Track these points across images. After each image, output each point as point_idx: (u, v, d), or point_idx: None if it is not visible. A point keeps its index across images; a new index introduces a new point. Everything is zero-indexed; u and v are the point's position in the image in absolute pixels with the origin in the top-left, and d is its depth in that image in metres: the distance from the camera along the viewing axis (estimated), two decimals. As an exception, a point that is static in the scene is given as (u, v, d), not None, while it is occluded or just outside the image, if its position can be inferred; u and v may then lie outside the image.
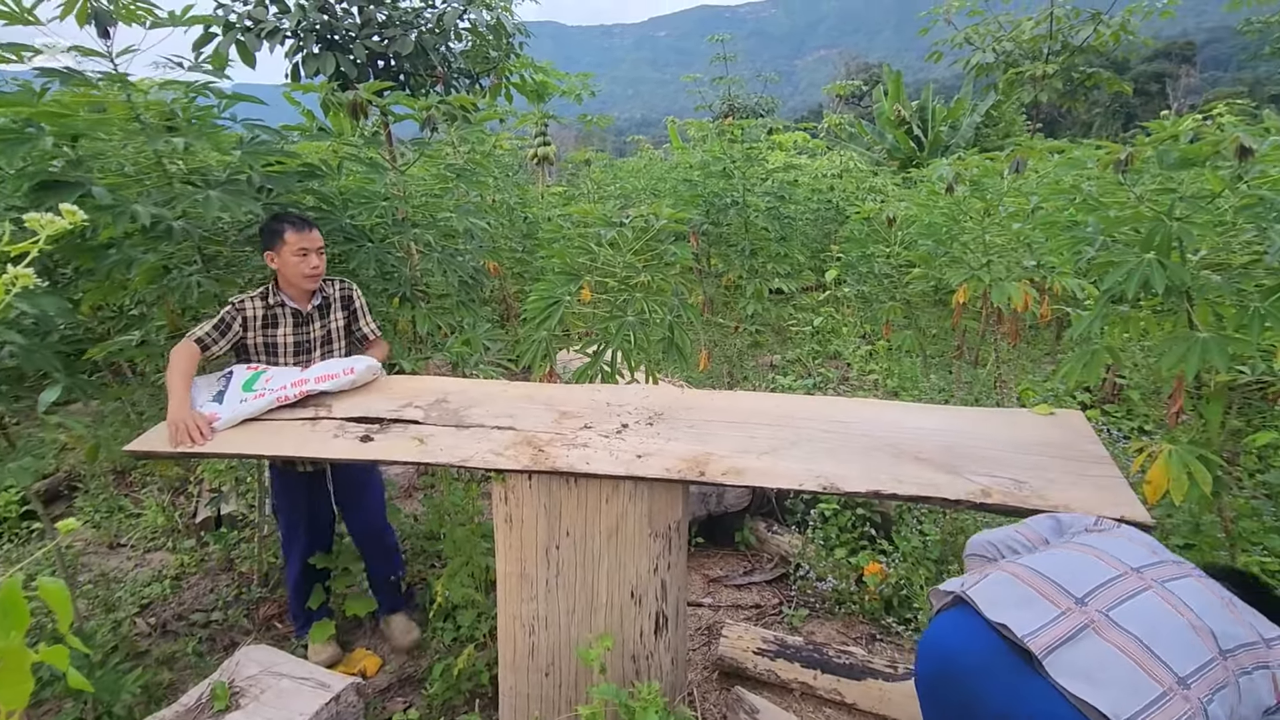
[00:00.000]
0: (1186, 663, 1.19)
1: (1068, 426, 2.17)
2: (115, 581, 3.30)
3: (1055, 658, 1.24)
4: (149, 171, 2.56)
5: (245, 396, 2.17)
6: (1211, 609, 1.29)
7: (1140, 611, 1.28)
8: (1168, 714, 1.13)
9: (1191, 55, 39.93)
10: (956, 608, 1.47)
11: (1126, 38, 6.28)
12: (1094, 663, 1.22)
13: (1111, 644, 1.23)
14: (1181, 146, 2.03)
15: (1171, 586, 1.34)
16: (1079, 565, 1.41)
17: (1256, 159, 2.01)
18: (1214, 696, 1.17)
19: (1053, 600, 1.34)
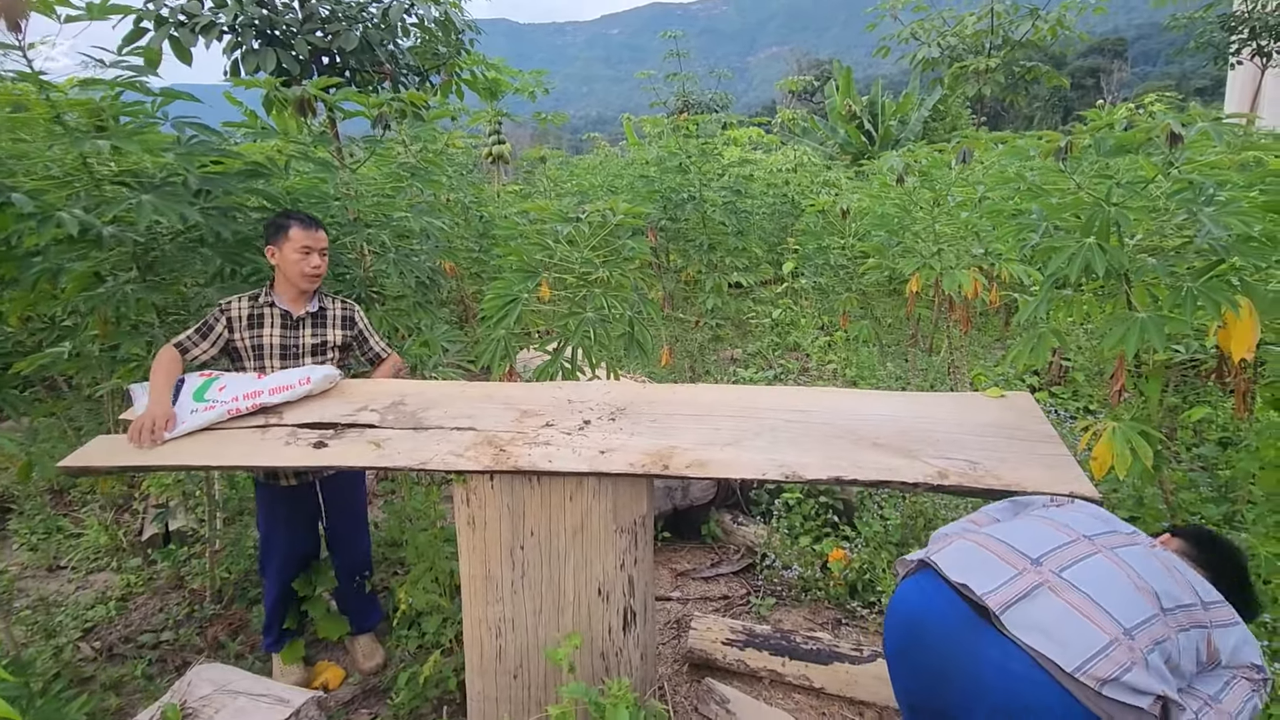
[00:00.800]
0: (1131, 616, 1.28)
1: (1017, 408, 2.24)
2: (56, 605, 3.14)
3: (1012, 613, 1.32)
4: (77, 174, 2.43)
5: (196, 407, 2.08)
6: (1155, 572, 1.38)
7: (1090, 572, 1.37)
8: (1113, 661, 1.22)
9: (1123, 50, 41.75)
10: (920, 572, 1.55)
11: (1063, 33, 6.52)
12: (1048, 617, 1.30)
13: (1064, 600, 1.32)
14: (1116, 134, 2.12)
15: (1120, 552, 1.42)
16: (1035, 532, 1.50)
17: (1185, 145, 2.11)
18: (1154, 648, 1.25)
19: (1009, 562, 1.42)
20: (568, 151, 22.16)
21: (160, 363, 2.16)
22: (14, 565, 3.58)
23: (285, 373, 2.21)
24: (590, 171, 8.83)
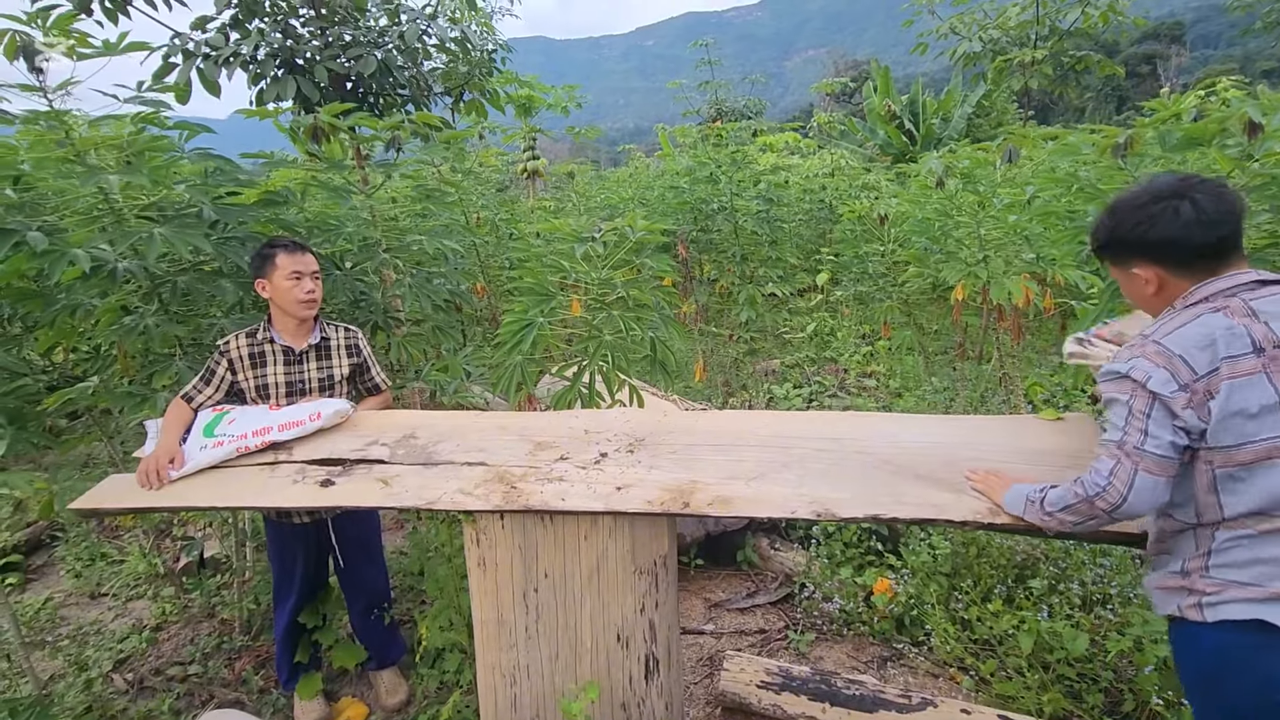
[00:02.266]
0: None
1: (1077, 431, 2.02)
2: (94, 634, 3.18)
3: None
4: (102, 210, 2.46)
5: (205, 443, 2.05)
6: None
7: None
8: None
9: (1181, 35, 39.84)
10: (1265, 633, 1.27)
11: (1115, 19, 6.15)
12: None
13: None
14: (1184, 126, 1.90)
15: None
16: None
17: (1266, 135, 1.88)
18: None
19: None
20: (606, 164, 22.26)
21: (169, 415, 2.14)
22: (59, 592, 3.66)
23: (296, 408, 2.15)
24: (621, 184, 8.77)
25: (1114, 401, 1.40)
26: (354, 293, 2.86)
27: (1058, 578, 2.67)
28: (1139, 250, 1.46)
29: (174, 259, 2.56)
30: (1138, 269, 1.47)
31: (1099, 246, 1.56)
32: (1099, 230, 1.54)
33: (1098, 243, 1.55)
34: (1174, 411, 1.31)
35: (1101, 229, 1.53)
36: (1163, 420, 1.33)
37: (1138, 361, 1.36)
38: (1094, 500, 1.38)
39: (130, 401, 2.43)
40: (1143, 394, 1.34)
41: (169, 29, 3.24)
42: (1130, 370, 1.36)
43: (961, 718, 2.16)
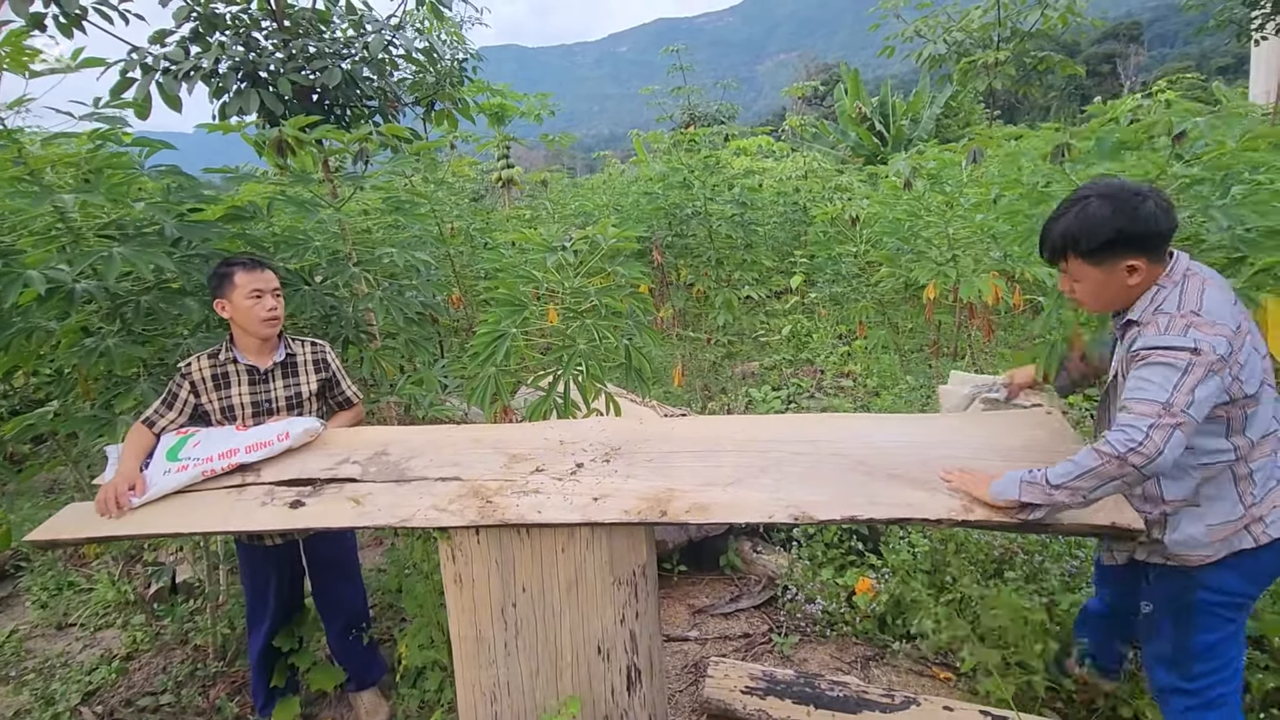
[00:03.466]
0: None
1: (1047, 427, 2.05)
2: (61, 666, 3.08)
3: None
4: (58, 230, 2.39)
5: (169, 467, 1.99)
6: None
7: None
8: None
9: (1139, 34, 40.92)
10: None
11: (1074, 20, 6.29)
12: None
13: None
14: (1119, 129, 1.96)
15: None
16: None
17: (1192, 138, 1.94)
18: None
19: None
20: (581, 170, 22.20)
21: (129, 440, 2.07)
22: (24, 624, 3.54)
23: (264, 428, 2.10)
24: (596, 191, 8.77)
25: (1165, 365, 1.49)
26: (324, 307, 2.81)
27: (1034, 571, 2.70)
28: (1139, 243, 1.59)
29: (136, 278, 2.49)
30: (1132, 260, 1.60)
31: (1096, 247, 1.62)
32: (1096, 229, 1.60)
33: (1094, 244, 1.61)
34: (1230, 374, 1.51)
35: (1102, 227, 1.59)
36: (1215, 385, 1.47)
37: (1194, 334, 1.50)
38: (1126, 457, 1.44)
39: (92, 425, 2.36)
40: (1202, 362, 1.46)
41: (126, 43, 3.17)
42: (1197, 343, 1.48)
43: (945, 715, 2.17)
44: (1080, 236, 1.62)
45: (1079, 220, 1.62)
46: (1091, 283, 1.67)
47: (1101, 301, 1.71)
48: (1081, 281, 1.69)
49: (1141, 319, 1.61)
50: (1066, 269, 1.71)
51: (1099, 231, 1.59)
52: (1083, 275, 1.68)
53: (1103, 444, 1.48)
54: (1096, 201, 1.60)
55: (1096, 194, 1.62)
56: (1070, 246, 1.65)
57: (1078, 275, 1.69)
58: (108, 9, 3.17)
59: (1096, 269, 1.65)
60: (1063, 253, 1.68)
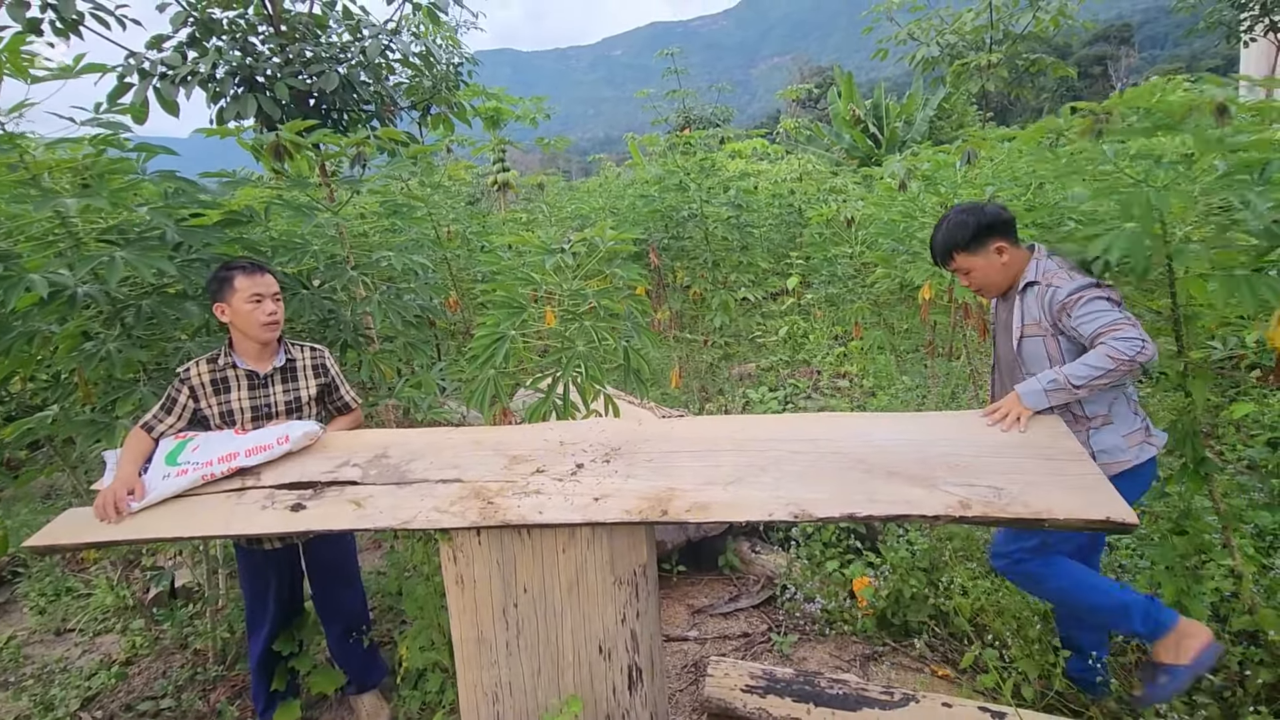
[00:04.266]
0: None
1: (1044, 423, 2.07)
2: (60, 672, 3.07)
3: None
4: (58, 234, 2.39)
5: (168, 472, 1.99)
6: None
7: None
8: None
9: (1129, 36, 41.16)
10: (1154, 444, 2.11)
11: (1065, 22, 6.35)
12: None
13: None
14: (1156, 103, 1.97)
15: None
16: None
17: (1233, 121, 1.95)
18: None
19: None
20: (577, 173, 22.21)
21: (127, 445, 2.07)
22: (22, 630, 3.53)
23: (263, 431, 2.11)
24: (592, 194, 8.79)
25: (1095, 298, 1.95)
26: (322, 311, 2.82)
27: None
28: (999, 229, 2.13)
29: (136, 282, 2.50)
30: (997, 243, 2.12)
31: (968, 240, 2.14)
32: (963, 230, 2.14)
33: (965, 238, 2.14)
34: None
35: (966, 227, 2.14)
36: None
37: (1082, 277, 2.03)
38: (1135, 357, 1.85)
39: (90, 430, 2.37)
40: (1109, 291, 1.98)
41: (123, 48, 3.18)
42: (1096, 282, 2.00)
43: (944, 712, 2.18)
44: (956, 238, 2.16)
45: (951, 227, 2.17)
46: (979, 270, 2.17)
47: (993, 282, 2.18)
48: (972, 271, 2.18)
49: (1040, 279, 2.08)
50: (957, 267, 2.20)
51: (967, 228, 2.13)
52: (970, 265, 2.18)
53: (1113, 351, 1.87)
54: (956, 214, 2.17)
55: (955, 210, 2.19)
56: (953, 246, 2.17)
57: (967, 267, 2.18)
58: (104, 14, 3.17)
59: (976, 257, 2.15)
60: (950, 253, 2.19)
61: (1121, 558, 2.76)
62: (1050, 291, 2.04)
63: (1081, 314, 1.96)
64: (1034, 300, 2.10)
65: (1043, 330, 2.09)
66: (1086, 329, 1.95)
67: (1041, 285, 2.08)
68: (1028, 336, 2.12)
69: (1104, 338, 1.91)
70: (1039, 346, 2.10)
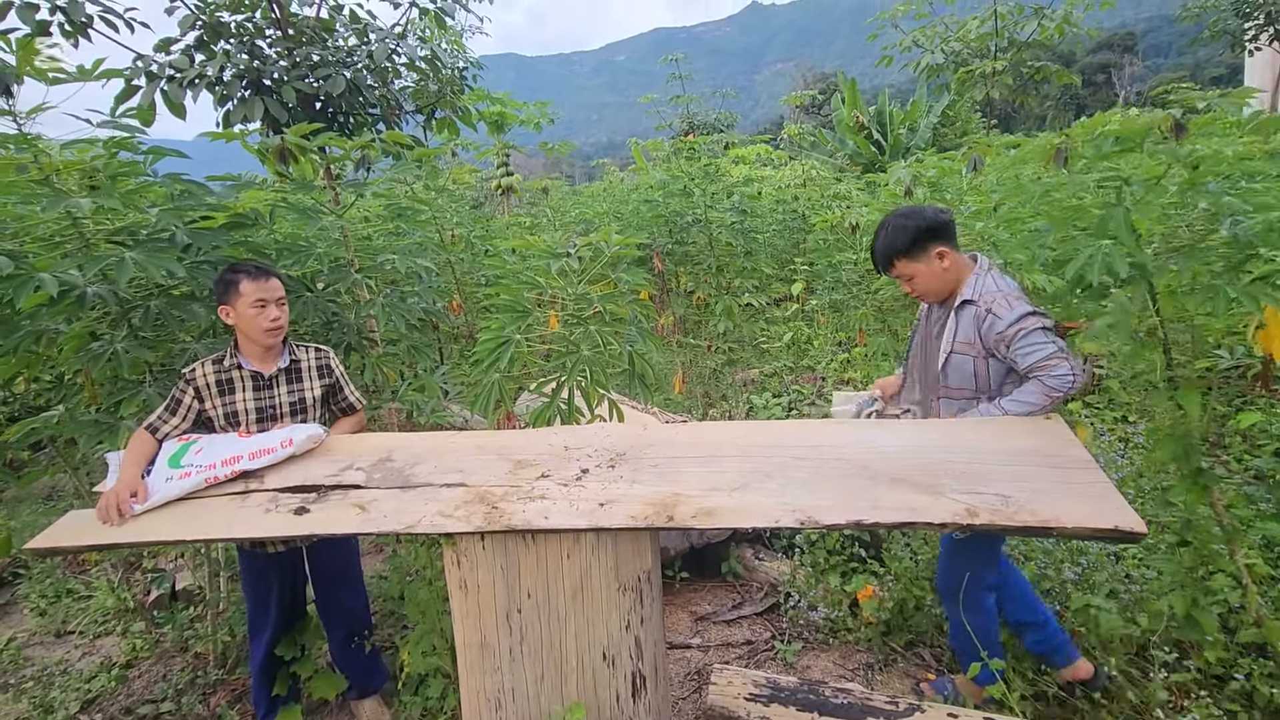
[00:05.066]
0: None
1: (1049, 431, 2.05)
2: (60, 674, 3.06)
3: None
4: (67, 234, 2.40)
5: (171, 474, 1.99)
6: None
7: None
8: None
9: (1133, 45, 41.25)
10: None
11: (1070, 30, 6.35)
12: None
13: None
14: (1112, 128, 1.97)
15: None
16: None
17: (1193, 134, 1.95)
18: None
19: None
20: (580, 178, 22.24)
21: (131, 447, 2.06)
22: (22, 632, 3.52)
23: (267, 434, 2.10)
24: (596, 199, 8.81)
25: (1034, 330, 1.99)
26: (326, 314, 2.82)
27: (1038, 576, 2.71)
28: (940, 233, 2.11)
29: (143, 283, 2.50)
30: (938, 248, 2.11)
31: (909, 245, 2.12)
32: (903, 235, 2.12)
33: (906, 243, 2.12)
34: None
35: (907, 232, 2.12)
36: None
37: (1026, 305, 2.03)
38: (1068, 391, 1.97)
39: (95, 431, 2.36)
40: (1045, 320, 2.02)
41: (131, 51, 3.19)
42: (1035, 310, 2.02)
43: (948, 721, 2.16)
44: (897, 243, 2.13)
45: (891, 232, 2.15)
46: (921, 276, 2.16)
47: (934, 289, 2.18)
48: (914, 277, 2.17)
49: (978, 300, 2.07)
50: (897, 273, 2.19)
51: (907, 234, 2.12)
52: (912, 271, 2.16)
53: (1048, 390, 1.97)
54: (895, 219, 2.16)
55: (893, 215, 2.17)
56: (893, 252, 2.15)
57: (909, 273, 2.17)
58: (113, 17, 3.18)
59: (918, 263, 2.14)
60: (891, 260, 2.17)
61: (1128, 567, 2.75)
62: (989, 320, 2.04)
63: (1020, 346, 2.00)
64: (970, 321, 2.10)
65: (975, 352, 2.11)
66: (1023, 362, 2.01)
67: (980, 308, 2.07)
68: (957, 353, 2.14)
69: (1039, 374, 1.98)
70: (968, 365, 2.13)
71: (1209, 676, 2.24)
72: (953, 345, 2.14)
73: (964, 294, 2.11)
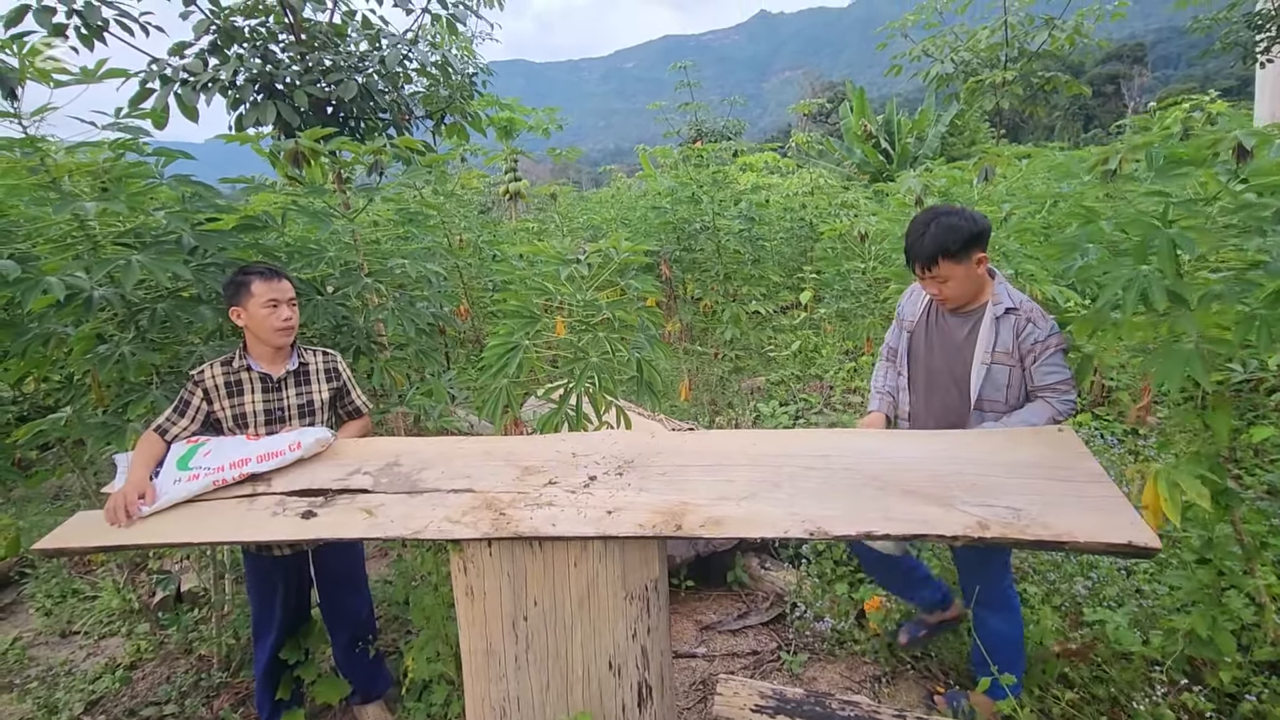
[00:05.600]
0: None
1: (1060, 443, 2.04)
2: (65, 675, 3.06)
3: None
4: (75, 237, 2.41)
5: (179, 476, 1.98)
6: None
7: None
8: None
9: (1142, 55, 41.18)
10: None
11: (1080, 41, 6.35)
12: None
13: None
14: (1171, 146, 1.94)
15: None
16: None
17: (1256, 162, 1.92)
18: None
19: None
20: (587, 184, 22.32)
21: (139, 448, 2.06)
22: (27, 632, 3.53)
23: (275, 438, 2.10)
24: (603, 205, 8.82)
25: (1060, 350, 2.07)
26: (336, 317, 2.82)
27: (1049, 591, 2.68)
28: (984, 239, 2.09)
29: (150, 286, 2.51)
30: (979, 253, 2.08)
31: (960, 246, 2.05)
32: (955, 235, 2.05)
33: (958, 244, 2.05)
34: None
35: (960, 232, 2.05)
36: None
37: (1052, 320, 2.08)
38: (1067, 416, 2.06)
39: (103, 432, 2.37)
40: (1065, 342, 2.09)
41: (146, 55, 3.22)
42: (1057, 329, 2.08)
43: (957, 736, 2.14)
44: (947, 242, 2.05)
45: (943, 231, 2.06)
46: (958, 279, 2.10)
47: (967, 293, 2.14)
48: (950, 280, 2.10)
49: (1020, 308, 2.09)
50: (937, 274, 2.10)
51: (959, 235, 2.04)
52: (951, 274, 2.09)
53: (1055, 414, 2.05)
54: (945, 217, 2.07)
55: (940, 213, 2.09)
56: (941, 252, 2.06)
57: (948, 275, 2.10)
58: (129, 20, 3.21)
59: (960, 266, 2.08)
60: (935, 259, 2.07)
61: (1139, 582, 2.72)
62: (1029, 329, 2.07)
63: (1048, 362, 2.05)
64: (1009, 329, 2.09)
65: (1012, 360, 2.10)
66: (1042, 379, 2.06)
67: (1020, 317, 2.08)
68: (997, 364, 2.11)
69: (1050, 396, 2.06)
70: (1004, 376, 2.10)
71: (1223, 696, 2.21)
72: (992, 354, 2.11)
73: (1002, 301, 2.11)
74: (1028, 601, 2.61)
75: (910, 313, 2.38)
